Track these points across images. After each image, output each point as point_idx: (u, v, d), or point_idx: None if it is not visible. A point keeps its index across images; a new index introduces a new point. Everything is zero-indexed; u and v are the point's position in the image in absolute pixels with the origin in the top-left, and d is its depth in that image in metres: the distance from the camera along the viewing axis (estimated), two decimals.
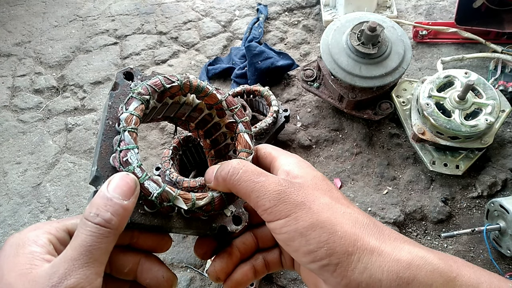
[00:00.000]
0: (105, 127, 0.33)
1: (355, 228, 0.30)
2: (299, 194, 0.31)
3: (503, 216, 0.92)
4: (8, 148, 1.30)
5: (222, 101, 0.39)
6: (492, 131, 1.01)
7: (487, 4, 1.28)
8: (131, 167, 0.31)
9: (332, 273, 0.29)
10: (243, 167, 0.33)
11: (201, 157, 1.14)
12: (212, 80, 1.39)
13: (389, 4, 1.45)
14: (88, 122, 1.33)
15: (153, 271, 0.35)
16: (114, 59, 1.49)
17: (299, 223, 0.30)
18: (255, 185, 0.32)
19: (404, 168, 1.14)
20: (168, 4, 1.64)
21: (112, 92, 0.34)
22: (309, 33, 1.48)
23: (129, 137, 0.32)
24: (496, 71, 1.21)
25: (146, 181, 0.31)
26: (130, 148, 0.32)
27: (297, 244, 0.30)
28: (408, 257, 0.28)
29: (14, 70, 1.50)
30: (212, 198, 0.34)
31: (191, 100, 0.39)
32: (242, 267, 0.37)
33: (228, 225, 0.36)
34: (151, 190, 0.31)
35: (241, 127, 0.39)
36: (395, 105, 1.13)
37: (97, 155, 0.32)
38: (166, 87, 0.35)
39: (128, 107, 0.33)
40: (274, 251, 0.39)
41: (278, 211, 0.31)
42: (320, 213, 0.30)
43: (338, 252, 0.29)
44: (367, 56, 1.04)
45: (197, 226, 0.34)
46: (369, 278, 0.28)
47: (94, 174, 0.31)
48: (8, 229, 1.13)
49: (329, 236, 0.29)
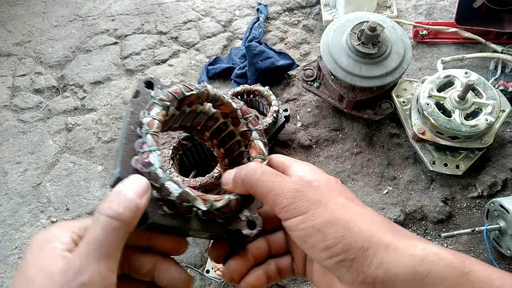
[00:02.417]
0: (127, 131, 0.34)
1: (370, 226, 0.31)
2: (315, 193, 0.32)
3: (503, 216, 0.92)
4: (8, 148, 1.30)
5: (237, 110, 0.41)
6: (492, 131, 1.01)
7: (487, 4, 1.28)
8: (153, 168, 0.32)
9: (349, 268, 0.29)
10: (261, 168, 0.34)
11: (201, 157, 1.14)
12: (212, 80, 1.39)
13: (389, 4, 1.45)
14: (88, 122, 1.33)
15: (170, 272, 0.35)
16: (114, 59, 1.49)
17: (316, 220, 0.31)
18: (273, 184, 0.33)
19: (404, 168, 1.14)
20: (168, 4, 1.64)
21: (134, 100, 0.36)
22: (309, 33, 1.48)
23: (152, 139, 0.33)
24: (496, 71, 1.21)
25: (167, 182, 0.32)
26: (152, 150, 0.33)
27: (314, 240, 0.31)
28: (422, 252, 0.29)
29: (14, 70, 1.50)
30: (229, 200, 0.35)
31: (207, 109, 0.41)
32: (256, 270, 0.38)
33: (243, 229, 0.36)
34: (172, 190, 0.32)
35: (255, 135, 0.40)
36: (395, 105, 1.13)
37: (120, 158, 0.33)
38: (185, 95, 0.37)
39: (150, 112, 0.35)
40: (286, 257, 0.39)
41: (295, 208, 0.31)
42: (336, 211, 0.31)
43: (354, 248, 0.29)
44: (367, 56, 1.04)
45: (213, 229, 0.35)
46: (385, 273, 0.29)
47: (117, 176, 0.32)
48: (8, 229, 1.13)
49: (345, 232, 0.30)
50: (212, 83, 1.38)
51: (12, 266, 1.07)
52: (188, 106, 0.39)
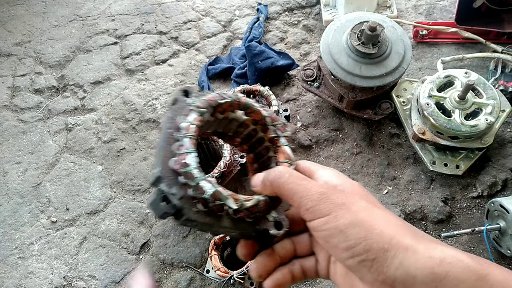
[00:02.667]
0: (166, 135, 0.37)
1: (391, 228, 0.32)
2: (339, 196, 0.34)
3: (503, 216, 0.92)
4: (8, 148, 1.30)
5: (266, 118, 0.43)
6: (492, 131, 1.01)
7: (487, 4, 1.28)
8: (189, 168, 0.35)
9: (369, 268, 0.31)
10: (288, 172, 0.36)
11: (201, 157, 1.14)
12: (212, 80, 1.39)
13: (389, 4, 1.45)
14: (88, 122, 1.33)
15: None
16: (114, 59, 1.49)
17: (339, 221, 0.32)
18: (299, 187, 0.35)
19: (404, 168, 1.14)
20: (168, 4, 1.64)
21: (172, 106, 0.39)
22: (309, 33, 1.48)
23: (188, 142, 0.36)
24: (496, 71, 1.21)
25: (202, 182, 0.35)
26: (188, 152, 0.35)
27: (336, 241, 0.32)
28: (441, 255, 0.30)
29: (14, 70, 1.50)
30: (258, 201, 0.37)
31: (239, 116, 0.43)
32: (281, 269, 0.39)
33: (270, 229, 0.38)
34: (205, 189, 0.35)
35: (283, 141, 0.43)
36: (395, 105, 1.13)
37: (160, 159, 0.35)
38: (219, 102, 0.40)
39: (187, 117, 0.38)
40: (311, 258, 0.41)
41: (319, 209, 0.33)
42: (358, 213, 0.33)
43: (375, 248, 0.30)
44: (367, 56, 1.03)
45: (242, 228, 0.37)
46: (404, 274, 0.30)
47: (157, 175, 0.34)
48: (8, 229, 1.13)
49: (366, 233, 0.31)
50: (212, 83, 1.38)
51: (12, 266, 1.07)
52: (221, 113, 0.42)
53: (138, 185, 1.18)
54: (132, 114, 1.33)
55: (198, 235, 1.07)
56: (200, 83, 1.37)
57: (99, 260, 1.06)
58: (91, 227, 1.12)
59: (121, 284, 1.03)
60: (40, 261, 1.08)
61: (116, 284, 1.03)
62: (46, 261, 1.08)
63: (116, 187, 1.19)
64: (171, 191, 0.34)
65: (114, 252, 1.07)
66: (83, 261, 1.07)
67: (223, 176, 0.97)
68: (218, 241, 0.95)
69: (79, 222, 1.13)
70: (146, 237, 1.09)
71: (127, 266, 1.05)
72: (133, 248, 1.08)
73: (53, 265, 1.07)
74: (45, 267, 1.07)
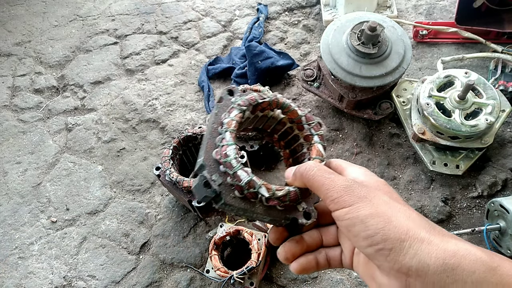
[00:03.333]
0: (211, 129, 0.42)
1: (409, 222, 0.34)
2: (362, 190, 0.37)
3: (503, 216, 0.92)
4: (8, 147, 1.30)
5: (302, 117, 0.47)
6: (492, 131, 1.01)
7: (487, 4, 1.28)
8: (229, 158, 0.39)
9: (386, 257, 0.33)
10: (317, 166, 0.40)
11: None
12: (212, 80, 1.39)
13: (389, 4, 1.45)
14: (88, 122, 1.33)
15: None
16: (114, 58, 1.49)
17: (360, 212, 0.35)
18: (326, 180, 0.38)
19: (404, 168, 1.14)
20: (168, 4, 1.64)
21: (218, 104, 0.44)
22: (309, 33, 1.48)
23: (229, 136, 0.40)
24: (496, 71, 1.21)
25: (239, 171, 0.39)
26: (229, 145, 0.39)
27: (357, 229, 0.35)
28: (454, 247, 0.32)
29: (14, 69, 1.50)
30: (288, 191, 0.41)
31: (277, 114, 0.48)
32: (307, 255, 0.43)
33: (299, 218, 0.42)
34: (242, 177, 0.38)
35: (316, 139, 0.46)
36: (395, 105, 1.13)
37: (204, 150, 0.40)
38: (258, 101, 0.44)
39: (229, 114, 0.42)
40: (336, 249, 0.44)
41: (343, 201, 0.36)
42: (379, 206, 0.35)
43: (392, 239, 0.33)
44: (367, 56, 1.03)
45: (273, 215, 0.41)
46: (418, 263, 0.32)
47: (201, 163, 0.39)
48: (8, 229, 1.13)
49: (385, 224, 0.34)
50: (212, 83, 1.38)
51: (12, 266, 1.07)
52: (260, 111, 0.46)
53: (138, 185, 1.18)
54: (132, 114, 1.33)
55: (198, 235, 1.07)
56: (200, 83, 1.37)
57: (99, 260, 1.06)
58: (91, 227, 1.12)
59: (121, 284, 1.03)
60: (40, 261, 1.08)
61: (116, 284, 1.03)
62: (46, 261, 1.08)
63: (116, 187, 1.19)
64: (212, 177, 0.38)
65: (114, 252, 1.07)
66: (83, 261, 1.07)
67: None
68: (218, 241, 0.95)
69: (79, 222, 1.13)
70: (146, 237, 1.09)
71: (127, 266, 1.05)
72: (133, 248, 1.08)
73: (53, 265, 1.07)
74: (45, 267, 1.07)
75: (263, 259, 0.93)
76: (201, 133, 1.04)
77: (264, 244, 0.93)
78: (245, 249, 0.96)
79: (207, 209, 1.00)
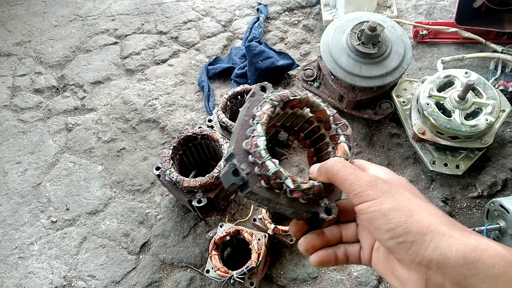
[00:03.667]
0: (242, 121, 0.43)
1: (430, 217, 0.35)
2: (385, 186, 0.38)
3: (503, 216, 0.92)
4: (8, 147, 1.30)
5: (330, 116, 0.48)
6: (492, 131, 1.01)
7: (487, 4, 1.28)
8: (258, 149, 0.40)
9: (408, 250, 0.34)
10: (342, 162, 0.41)
11: (201, 157, 1.14)
12: (212, 80, 1.39)
13: (389, 4, 1.45)
14: (88, 122, 1.33)
15: None
16: (114, 58, 1.49)
17: (383, 206, 0.36)
18: (350, 175, 0.39)
19: (404, 168, 1.14)
20: (168, 4, 1.64)
21: (250, 98, 0.46)
22: (309, 32, 1.48)
23: (260, 128, 0.42)
24: (496, 71, 1.21)
25: (267, 161, 0.40)
26: (259, 136, 0.41)
27: (379, 223, 0.36)
28: (474, 242, 0.33)
29: (14, 69, 1.50)
30: (312, 184, 0.42)
31: (305, 113, 0.49)
32: (327, 249, 0.44)
33: (321, 213, 0.43)
34: (270, 167, 0.40)
35: (343, 138, 0.47)
36: (395, 105, 1.13)
37: (235, 140, 0.42)
38: (290, 98, 0.45)
39: (261, 108, 0.44)
40: (355, 245, 0.45)
41: (366, 195, 0.37)
42: (401, 201, 0.36)
43: (414, 232, 0.34)
44: (367, 55, 1.03)
45: (296, 207, 0.42)
46: (439, 256, 0.33)
47: (231, 152, 0.41)
48: (8, 229, 1.13)
49: (407, 218, 0.35)
50: (212, 83, 1.38)
51: (12, 266, 1.07)
52: (290, 108, 0.48)
53: (138, 185, 1.18)
54: (132, 114, 1.33)
55: (198, 235, 1.07)
56: (200, 83, 1.37)
57: (99, 260, 1.06)
58: (91, 227, 1.12)
59: (121, 284, 1.03)
60: (40, 261, 1.08)
61: (116, 284, 1.03)
62: (46, 261, 1.08)
63: (116, 187, 1.19)
64: (241, 166, 0.39)
65: (114, 252, 1.07)
66: (83, 261, 1.07)
67: None
68: (218, 241, 0.95)
69: (79, 222, 1.13)
70: (146, 237, 1.09)
71: (127, 266, 1.05)
72: (133, 248, 1.08)
73: (53, 265, 1.07)
74: (45, 267, 1.07)
75: (263, 259, 0.93)
76: (201, 133, 1.04)
77: (264, 244, 0.93)
78: (245, 249, 0.96)
79: (207, 209, 1.00)
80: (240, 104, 1.19)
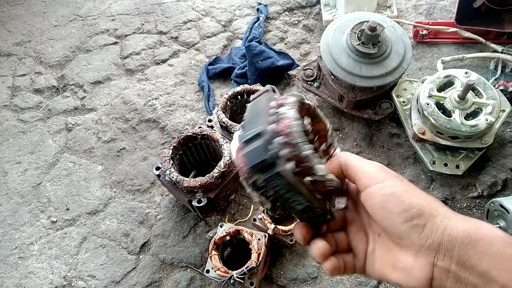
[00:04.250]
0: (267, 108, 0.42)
1: (436, 203, 0.37)
2: (393, 172, 0.40)
3: (503, 216, 0.92)
4: (8, 147, 1.30)
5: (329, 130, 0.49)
6: (492, 131, 1.01)
7: (487, 4, 1.28)
8: (294, 129, 0.39)
9: (420, 234, 0.36)
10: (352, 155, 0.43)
11: (201, 157, 1.14)
12: (212, 80, 1.39)
13: (389, 4, 1.45)
14: (88, 122, 1.33)
15: None
16: (114, 58, 1.49)
17: (396, 187, 0.38)
18: (360, 161, 0.41)
19: (404, 168, 1.14)
20: (168, 4, 1.64)
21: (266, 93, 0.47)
22: (309, 32, 1.48)
23: (294, 112, 0.40)
24: (496, 71, 1.21)
25: (301, 143, 0.38)
26: (296, 118, 0.39)
27: (392, 205, 0.37)
28: (477, 224, 0.35)
29: (14, 69, 1.50)
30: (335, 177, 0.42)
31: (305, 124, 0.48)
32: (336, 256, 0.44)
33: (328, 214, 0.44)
34: (306, 148, 0.38)
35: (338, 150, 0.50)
36: (395, 105, 1.13)
37: (261, 121, 0.40)
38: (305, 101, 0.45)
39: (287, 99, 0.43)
40: (349, 254, 0.45)
41: (377, 176, 0.39)
42: (410, 185, 0.38)
43: (426, 214, 0.36)
44: (367, 55, 1.03)
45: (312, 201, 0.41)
46: (448, 237, 0.35)
47: (258, 132, 0.39)
48: (8, 229, 1.13)
49: (419, 200, 0.37)
50: (212, 83, 1.38)
51: (12, 266, 1.07)
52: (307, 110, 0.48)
53: (138, 185, 1.18)
54: (132, 114, 1.33)
55: (198, 235, 1.07)
56: (200, 83, 1.37)
57: (99, 260, 1.06)
58: (91, 227, 1.12)
59: (121, 284, 1.03)
60: (40, 261, 1.08)
61: (116, 284, 1.03)
62: (46, 261, 1.08)
63: (116, 187, 1.19)
64: (271, 145, 0.37)
65: (114, 252, 1.07)
66: (83, 261, 1.07)
67: (223, 176, 0.97)
68: (218, 241, 0.95)
69: (79, 222, 1.13)
70: (146, 237, 1.09)
71: (127, 266, 1.05)
72: (133, 248, 1.08)
73: (53, 265, 1.07)
74: (45, 267, 1.07)
75: (263, 259, 0.93)
76: (201, 133, 1.04)
77: (264, 244, 0.93)
78: (245, 249, 0.96)
79: (207, 209, 1.01)
80: (240, 104, 1.19)
